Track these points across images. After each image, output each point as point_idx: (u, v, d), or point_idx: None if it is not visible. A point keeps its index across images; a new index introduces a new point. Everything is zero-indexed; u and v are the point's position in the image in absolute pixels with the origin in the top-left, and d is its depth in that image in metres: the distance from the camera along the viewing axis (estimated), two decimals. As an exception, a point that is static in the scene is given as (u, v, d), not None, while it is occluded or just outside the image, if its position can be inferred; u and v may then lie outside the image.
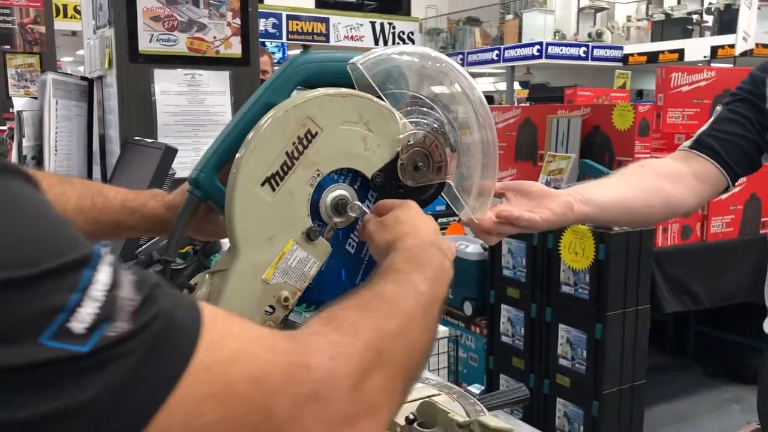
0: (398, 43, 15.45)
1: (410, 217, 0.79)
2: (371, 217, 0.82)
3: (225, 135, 0.82)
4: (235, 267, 0.79)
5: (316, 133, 0.78)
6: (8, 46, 5.85)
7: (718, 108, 1.36)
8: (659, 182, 1.24)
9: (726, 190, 1.32)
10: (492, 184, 0.93)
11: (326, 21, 16.73)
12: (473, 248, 3.70)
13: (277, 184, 0.78)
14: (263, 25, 14.86)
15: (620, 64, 15.27)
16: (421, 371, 0.63)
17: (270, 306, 0.80)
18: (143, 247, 1.29)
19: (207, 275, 0.83)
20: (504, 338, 3.41)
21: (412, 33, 18.16)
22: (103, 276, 0.43)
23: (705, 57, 13.36)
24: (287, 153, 0.77)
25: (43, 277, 0.40)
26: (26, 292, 0.39)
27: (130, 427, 0.42)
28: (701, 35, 15.04)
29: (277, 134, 0.77)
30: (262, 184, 0.77)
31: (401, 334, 0.59)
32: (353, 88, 0.83)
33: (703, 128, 1.34)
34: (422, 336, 0.63)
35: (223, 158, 0.82)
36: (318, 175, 0.80)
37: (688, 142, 1.32)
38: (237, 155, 0.78)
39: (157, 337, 0.43)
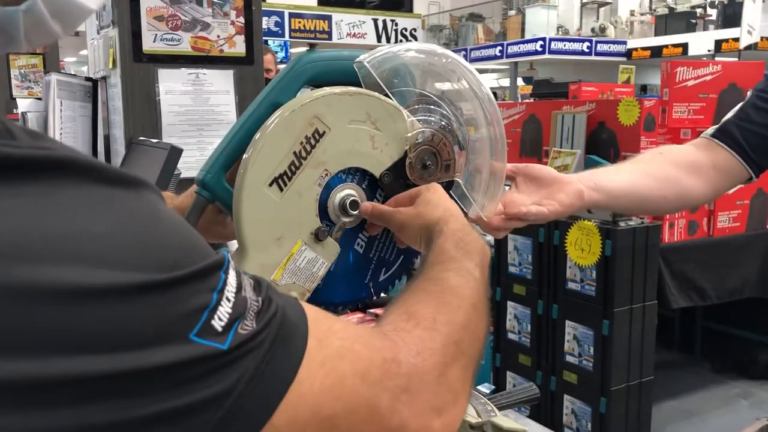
0: (401, 40, 15.44)
1: (441, 199, 0.79)
2: (396, 210, 0.81)
3: (232, 135, 0.82)
4: (244, 268, 0.78)
5: (324, 133, 0.78)
6: (11, 47, 5.82)
7: (749, 93, 1.29)
8: (676, 172, 1.19)
9: (749, 180, 1.26)
10: (501, 182, 0.93)
11: (329, 18, 16.71)
12: (479, 245, 3.70)
13: (285, 184, 0.77)
14: (266, 23, 14.85)
15: (624, 58, 15.22)
16: (483, 350, 0.67)
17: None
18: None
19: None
20: (510, 335, 3.40)
21: (415, 30, 18.14)
22: (231, 278, 0.47)
23: (709, 51, 13.32)
24: (295, 153, 0.77)
25: (190, 279, 0.43)
26: (177, 292, 0.42)
27: (257, 417, 0.45)
28: (705, 29, 14.99)
29: (285, 134, 0.76)
30: (270, 185, 0.77)
31: (469, 324, 0.63)
32: (360, 86, 0.82)
33: (729, 115, 1.28)
34: (482, 323, 0.66)
35: (230, 159, 0.81)
36: (326, 174, 0.80)
37: (711, 129, 1.27)
38: (244, 156, 0.77)
39: (277, 334, 0.47)
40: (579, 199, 1.05)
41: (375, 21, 17.19)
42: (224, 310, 0.44)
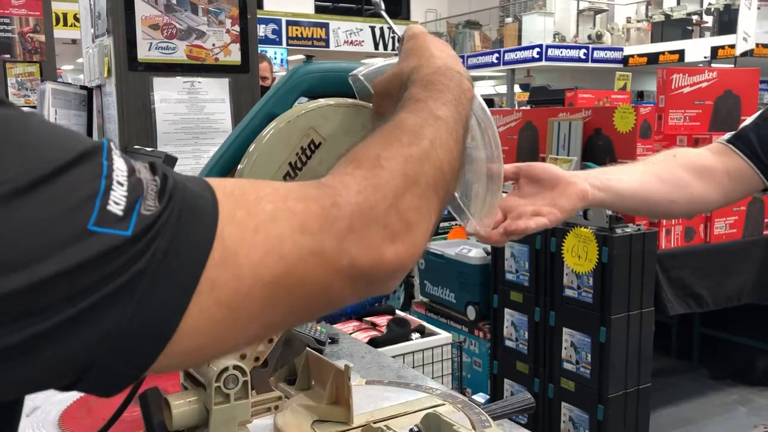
0: (397, 48, 15.47)
1: (419, 46, 0.76)
2: (384, 78, 0.77)
3: (227, 146, 0.81)
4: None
5: (320, 144, 0.77)
6: (8, 55, 5.85)
7: None
8: (687, 177, 1.17)
9: (765, 191, 1.23)
10: (498, 191, 0.92)
11: (326, 26, 16.73)
12: (476, 252, 3.69)
13: (280, 196, 0.77)
14: (263, 30, 14.87)
15: (620, 65, 15.25)
16: (455, 183, 0.65)
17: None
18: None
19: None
20: (508, 342, 3.39)
21: (412, 37, 18.12)
22: (119, 164, 0.45)
23: (705, 57, 13.35)
24: (290, 164, 0.76)
25: (67, 169, 0.42)
26: (58, 186, 0.41)
27: (179, 291, 0.45)
28: (701, 36, 15.03)
29: (280, 145, 0.76)
30: (265, 196, 0.76)
31: (426, 156, 0.61)
32: (355, 97, 0.82)
33: (748, 121, 1.24)
34: (449, 155, 0.63)
35: (225, 169, 0.81)
36: (321, 185, 0.79)
37: (728, 135, 1.24)
38: (239, 166, 0.77)
39: (183, 206, 0.46)
40: (582, 201, 1.04)
41: (372, 28, 17.20)
42: (118, 194, 0.43)
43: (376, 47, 17.00)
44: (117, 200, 0.43)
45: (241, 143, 0.79)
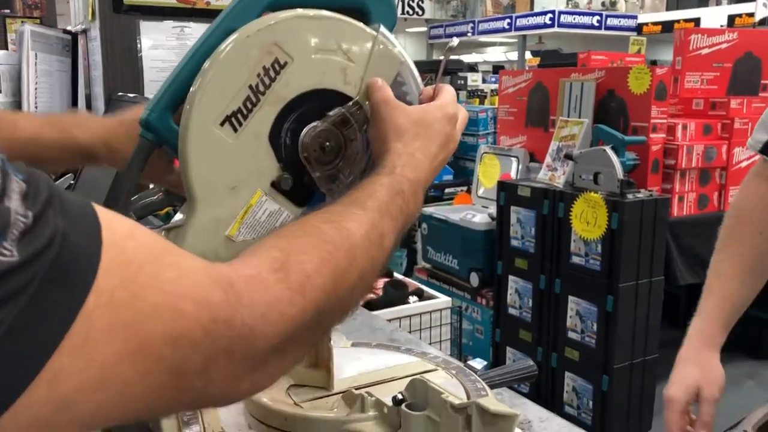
0: (407, 12, 15.12)
1: (436, 118, 0.71)
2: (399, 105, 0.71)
3: (180, 68, 0.70)
4: (193, 222, 0.67)
5: (285, 63, 0.66)
6: (8, 11, 5.76)
7: None
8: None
9: None
10: None
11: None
12: (480, 218, 3.59)
13: (240, 124, 0.66)
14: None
15: (634, 33, 14.94)
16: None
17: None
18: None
19: (162, 232, 0.72)
20: (511, 310, 3.30)
21: (422, 0, 17.83)
22: None
23: (722, 26, 13.06)
24: (251, 86, 0.65)
25: None
26: None
27: (8, 379, 0.34)
28: (718, 3, 14.67)
29: (239, 63, 0.65)
30: (222, 124, 0.65)
31: (342, 301, 0.55)
32: (335, 11, 0.70)
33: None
34: (360, 294, 0.59)
35: (177, 95, 0.70)
36: (288, 113, 0.68)
37: (757, 143, 1.17)
38: (191, 88, 0.66)
39: (48, 273, 0.34)
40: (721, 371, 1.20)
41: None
42: None
43: None
44: None
45: (195, 65, 0.67)
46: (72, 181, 2.08)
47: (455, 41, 0.82)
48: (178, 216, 0.72)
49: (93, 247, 0.37)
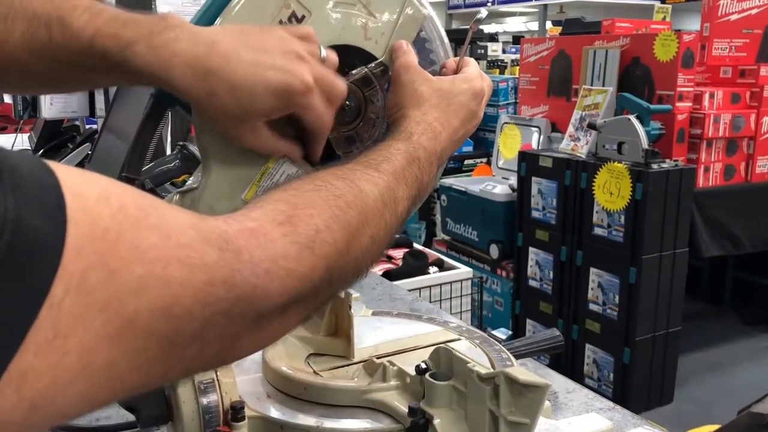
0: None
1: (463, 88, 0.68)
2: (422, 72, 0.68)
3: (192, 23, 0.67)
4: (208, 185, 0.65)
5: (303, 17, 0.63)
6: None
7: None
8: None
9: None
10: None
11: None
12: (501, 189, 3.55)
13: (256, 82, 0.63)
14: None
15: (658, 2, 14.64)
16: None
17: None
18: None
19: (177, 196, 0.69)
20: (531, 282, 3.27)
21: (442, -30, 17.58)
22: None
23: (750, -7, 12.75)
24: (267, 42, 0.62)
25: None
26: None
27: None
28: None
29: (253, 18, 0.62)
30: (237, 81, 0.62)
31: (355, 261, 0.51)
32: None
33: None
34: (372, 258, 0.55)
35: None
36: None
37: None
38: (205, 44, 0.63)
39: (2, 264, 0.30)
40: None
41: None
42: None
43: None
44: None
45: (208, 20, 0.64)
46: (90, 152, 2.06)
47: (484, 12, 0.78)
48: (192, 179, 0.70)
49: (55, 226, 0.32)
